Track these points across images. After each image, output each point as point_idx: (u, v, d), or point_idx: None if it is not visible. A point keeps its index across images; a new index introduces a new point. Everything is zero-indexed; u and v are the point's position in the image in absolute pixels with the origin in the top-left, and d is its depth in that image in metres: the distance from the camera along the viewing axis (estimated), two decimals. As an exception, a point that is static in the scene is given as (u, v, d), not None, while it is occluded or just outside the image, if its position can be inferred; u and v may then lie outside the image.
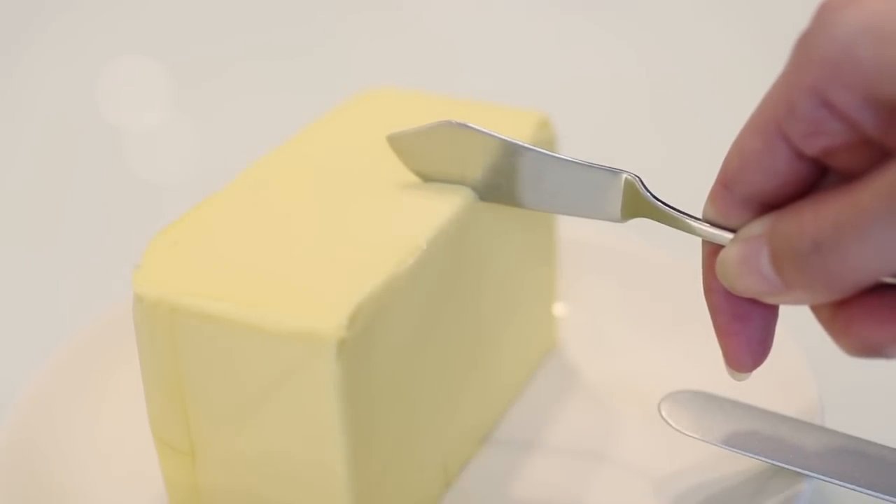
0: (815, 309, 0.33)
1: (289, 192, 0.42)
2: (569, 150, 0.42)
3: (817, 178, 0.33)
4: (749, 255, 0.33)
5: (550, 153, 0.39)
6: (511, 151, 0.40)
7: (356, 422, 0.36)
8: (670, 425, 0.41)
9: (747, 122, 0.33)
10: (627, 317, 0.52)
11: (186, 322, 0.37)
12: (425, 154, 0.42)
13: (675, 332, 0.50)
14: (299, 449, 0.37)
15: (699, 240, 0.37)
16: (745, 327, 0.36)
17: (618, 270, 0.53)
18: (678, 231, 0.37)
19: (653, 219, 0.38)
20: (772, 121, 0.32)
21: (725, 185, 0.34)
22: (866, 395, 0.40)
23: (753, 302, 0.35)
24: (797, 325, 0.42)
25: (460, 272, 0.42)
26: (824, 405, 0.42)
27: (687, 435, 0.41)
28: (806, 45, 0.31)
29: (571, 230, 0.52)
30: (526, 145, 0.40)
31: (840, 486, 0.38)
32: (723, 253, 0.34)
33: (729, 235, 0.35)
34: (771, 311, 0.36)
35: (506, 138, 0.40)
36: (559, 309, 0.52)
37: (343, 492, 0.37)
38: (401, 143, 0.42)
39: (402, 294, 0.37)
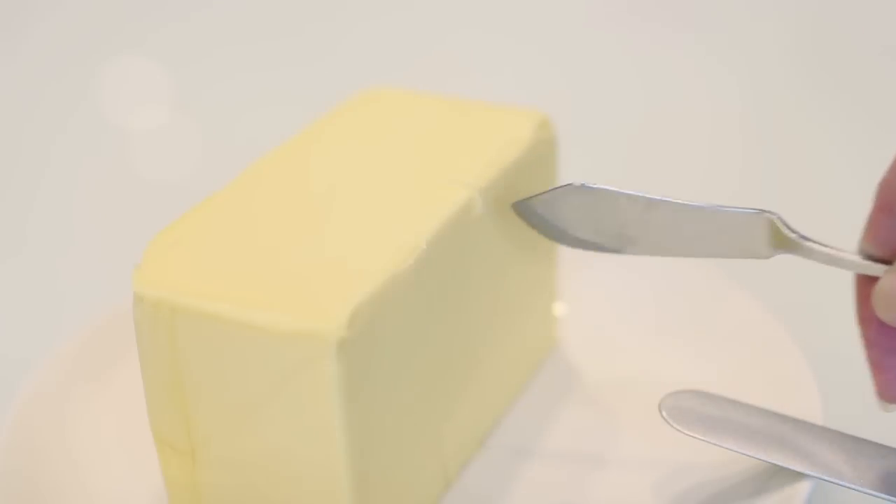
0: None
1: (289, 192, 0.42)
2: (569, 149, 0.42)
3: None
4: None
5: (687, 202, 0.38)
6: (645, 206, 0.39)
7: (356, 422, 0.36)
8: (670, 425, 0.41)
9: None
10: (627, 317, 0.52)
11: (186, 322, 0.37)
12: (556, 219, 0.41)
13: (675, 332, 0.50)
14: (299, 449, 0.37)
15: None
16: None
17: (618, 270, 0.53)
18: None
19: (799, 255, 0.37)
20: None
21: (886, 210, 0.33)
22: (866, 395, 0.39)
23: None
24: (797, 325, 0.42)
25: (460, 272, 0.42)
26: (824, 405, 0.42)
27: (687, 435, 0.41)
28: None
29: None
30: (660, 198, 0.39)
31: (840, 486, 0.38)
32: (879, 284, 0.33)
33: (882, 267, 0.34)
34: None
35: (638, 194, 0.39)
36: (559, 309, 0.52)
37: (343, 492, 0.37)
38: (528, 210, 0.41)
39: (401, 294, 0.37)
